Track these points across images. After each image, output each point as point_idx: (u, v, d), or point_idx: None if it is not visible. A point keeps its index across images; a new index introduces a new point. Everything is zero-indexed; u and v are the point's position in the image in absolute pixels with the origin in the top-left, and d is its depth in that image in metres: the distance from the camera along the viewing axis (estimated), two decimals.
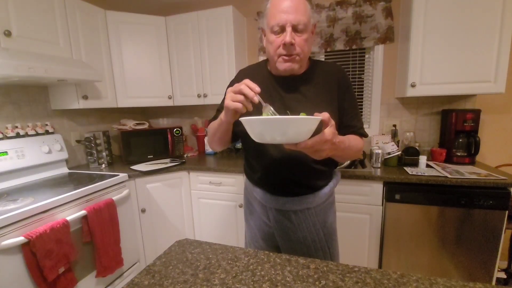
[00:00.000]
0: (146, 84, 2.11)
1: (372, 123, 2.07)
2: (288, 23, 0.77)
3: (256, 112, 0.74)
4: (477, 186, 1.38)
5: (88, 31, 1.77)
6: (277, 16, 0.79)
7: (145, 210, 1.83)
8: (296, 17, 0.77)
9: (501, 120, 1.83)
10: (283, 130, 0.60)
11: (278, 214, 0.96)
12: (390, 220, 1.55)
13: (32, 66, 1.25)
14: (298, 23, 0.78)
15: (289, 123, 0.60)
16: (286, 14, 0.77)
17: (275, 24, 0.79)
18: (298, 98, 0.88)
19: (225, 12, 1.96)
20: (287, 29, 0.78)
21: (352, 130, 0.91)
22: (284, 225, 0.96)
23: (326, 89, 0.88)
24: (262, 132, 0.63)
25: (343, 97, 0.89)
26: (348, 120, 0.91)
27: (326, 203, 0.97)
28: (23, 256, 1.07)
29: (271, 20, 0.81)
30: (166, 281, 0.65)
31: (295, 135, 0.62)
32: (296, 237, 0.95)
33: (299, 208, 0.93)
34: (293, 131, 0.61)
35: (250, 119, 0.63)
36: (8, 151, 1.49)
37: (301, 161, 0.88)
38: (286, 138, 0.62)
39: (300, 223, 0.94)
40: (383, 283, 0.61)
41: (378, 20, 1.88)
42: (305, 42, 0.81)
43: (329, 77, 0.89)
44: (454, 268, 1.49)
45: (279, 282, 0.64)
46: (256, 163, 0.97)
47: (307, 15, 0.80)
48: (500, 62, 1.50)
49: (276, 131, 0.61)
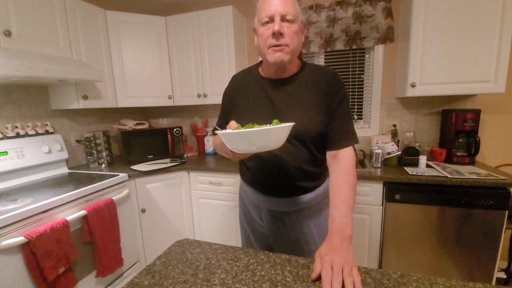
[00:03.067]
0: (146, 84, 2.11)
1: (372, 123, 2.07)
2: (276, 13, 0.79)
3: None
4: (477, 186, 1.38)
5: (88, 31, 1.77)
6: (266, 9, 0.81)
7: (145, 210, 1.83)
8: (285, 8, 0.79)
9: (501, 120, 1.83)
10: (251, 141, 0.65)
11: (270, 215, 0.96)
12: (390, 220, 1.55)
13: (32, 66, 1.25)
14: (286, 13, 0.79)
15: (252, 135, 0.65)
16: (275, 6, 0.79)
17: (264, 16, 0.81)
18: (287, 100, 0.88)
19: (225, 12, 1.96)
20: (275, 19, 0.79)
21: (340, 134, 0.86)
22: (277, 227, 0.95)
23: (315, 92, 0.87)
24: (234, 144, 0.69)
25: (334, 99, 0.86)
26: (337, 124, 0.87)
27: (320, 204, 0.96)
28: (23, 256, 1.07)
29: (261, 14, 0.82)
30: (166, 281, 0.65)
31: (264, 144, 0.66)
32: (289, 239, 0.95)
33: (291, 210, 0.93)
34: (260, 142, 0.66)
35: (222, 134, 0.68)
36: (8, 151, 1.49)
37: (291, 162, 0.88)
38: (257, 148, 0.67)
39: (293, 224, 0.94)
40: (383, 283, 0.61)
41: (378, 20, 1.88)
42: (294, 33, 0.81)
43: (319, 79, 0.88)
44: (454, 268, 1.49)
45: (279, 282, 0.64)
46: (248, 162, 0.97)
47: (295, 9, 0.81)
48: (500, 62, 1.50)
49: (245, 143, 0.66)
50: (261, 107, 0.90)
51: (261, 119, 0.87)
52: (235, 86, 1.00)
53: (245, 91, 0.95)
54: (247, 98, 0.94)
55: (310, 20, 2.00)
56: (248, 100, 0.94)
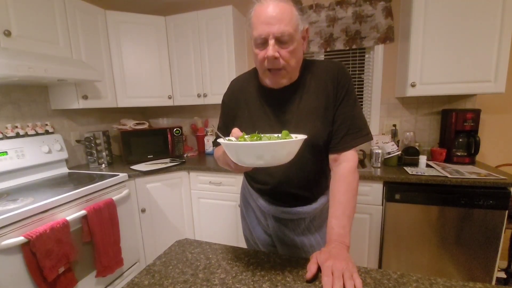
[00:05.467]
0: (146, 84, 2.11)
1: (372, 123, 2.07)
2: (270, 35, 0.71)
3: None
4: (477, 186, 1.38)
5: (88, 31, 1.77)
6: (259, 28, 0.72)
7: (145, 210, 1.83)
8: (280, 28, 0.70)
9: (501, 120, 1.83)
10: (259, 154, 0.58)
11: (276, 221, 0.96)
12: (390, 220, 1.55)
13: (32, 66, 1.25)
14: (282, 34, 0.71)
15: (261, 147, 0.57)
16: (268, 26, 0.71)
17: (257, 37, 0.73)
18: (291, 109, 0.83)
19: (225, 12, 1.96)
20: (269, 42, 0.72)
21: (342, 135, 0.82)
22: (282, 231, 0.96)
23: (319, 95, 0.82)
24: (239, 157, 0.61)
25: (341, 99, 0.82)
26: (338, 125, 0.83)
27: (324, 210, 0.96)
28: (23, 256, 1.07)
29: (254, 32, 0.75)
30: (166, 281, 0.65)
31: (274, 158, 0.59)
32: (294, 243, 0.95)
33: (296, 218, 0.93)
34: (270, 156, 0.58)
35: (227, 144, 0.60)
36: (8, 151, 1.49)
37: (300, 174, 0.87)
38: (265, 162, 0.60)
39: (298, 230, 0.95)
40: (383, 283, 0.61)
41: (378, 20, 1.88)
42: (291, 54, 0.74)
43: (323, 79, 0.82)
44: (454, 268, 1.49)
45: (279, 282, 0.64)
46: (255, 172, 0.96)
47: (292, 24, 0.72)
48: (500, 62, 1.50)
49: (251, 156, 0.59)
50: (265, 121, 0.86)
51: (267, 133, 0.86)
52: (235, 95, 0.93)
53: (246, 102, 0.90)
54: (249, 111, 0.89)
55: (310, 20, 2.00)
56: (250, 113, 0.89)
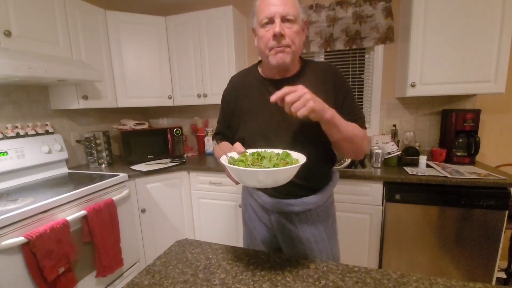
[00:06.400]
0: (146, 84, 2.11)
1: (372, 123, 2.07)
2: (276, 14, 0.77)
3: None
4: (477, 186, 1.38)
5: (88, 31, 1.77)
6: (265, 10, 0.79)
7: (145, 210, 1.83)
8: (285, 9, 0.77)
9: (501, 120, 1.83)
10: (259, 179, 0.61)
11: (280, 217, 0.95)
12: (390, 220, 1.55)
13: (32, 66, 1.25)
14: (286, 14, 0.78)
15: (261, 174, 0.60)
16: (275, 7, 0.78)
17: (264, 17, 0.79)
18: None
19: (225, 12, 1.96)
20: (275, 20, 0.78)
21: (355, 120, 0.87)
22: (287, 228, 0.95)
23: (320, 88, 0.84)
24: (241, 179, 0.65)
25: (339, 93, 0.87)
26: (347, 114, 0.87)
27: (326, 203, 0.97)
28: (23, 256, 1.07)
29: (260, 15, 0.81)
30: (166, 281, 0.65)
31: (273, 182, 0.63)
32: (299, 239, 0.95)
33: (301, 210, 0.93)
34: (270, 180, 0.62)
35: (230, 168, 0.64)
36: (8, 151, 1.49)
37: (304, 166, 0.87)
38: (266, 185, 0.64)
39: (302, 224, 0.94)
40: (383, 283, 0.61)
41: (378, 20, 1.88)
42: (296, 34, 0.80)
43: (322, 75, 0.88)
44: (454, 268, 1.49)
45: (279, 282, 0.64)
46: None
47: (295, 8, 0.80)
48: (500, 62, 1.50)
49: (252, 180, 0.63)
50: (266, 111, 0.88)
51: (267, 123, 0.86)
52: (235, 89, 0.96)
53: (246, 94, 0.92)
54: (250, 102, 0.91)
55: (310, 19, 2.00)
56: (250, 104, 0.91)
